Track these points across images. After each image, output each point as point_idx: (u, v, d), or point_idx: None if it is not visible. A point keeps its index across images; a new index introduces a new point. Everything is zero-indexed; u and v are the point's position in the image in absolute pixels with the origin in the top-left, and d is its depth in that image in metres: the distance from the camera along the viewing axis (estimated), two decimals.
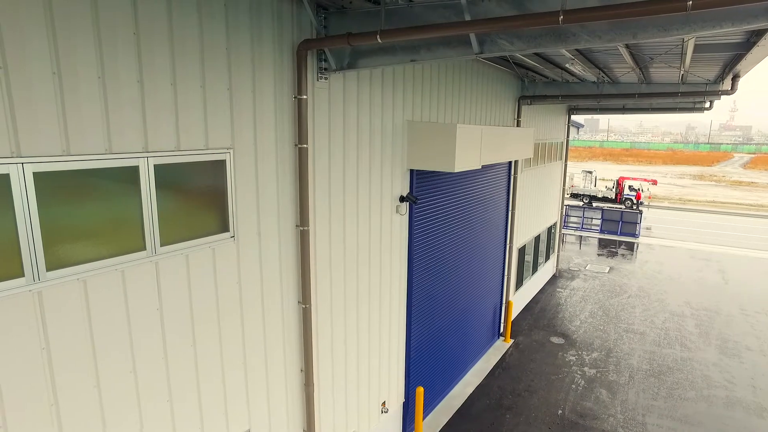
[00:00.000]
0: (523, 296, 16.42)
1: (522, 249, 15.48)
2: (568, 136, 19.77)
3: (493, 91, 11.60)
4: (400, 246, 8.41)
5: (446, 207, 9.87)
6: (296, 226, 5.99)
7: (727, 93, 11.02)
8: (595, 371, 12.29)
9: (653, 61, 9.55)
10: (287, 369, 6.21)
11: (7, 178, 3.41)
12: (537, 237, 17.05)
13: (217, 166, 4.97)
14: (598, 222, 29.29)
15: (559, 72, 11.89)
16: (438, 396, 10.67)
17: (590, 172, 39.91)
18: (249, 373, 5.66)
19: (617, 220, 28.63)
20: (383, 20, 5.10)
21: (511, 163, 13.23)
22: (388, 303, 8.32)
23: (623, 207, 36.10)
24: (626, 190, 37.06)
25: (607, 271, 21.26)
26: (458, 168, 7.68)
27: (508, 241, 13.86)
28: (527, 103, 13.24)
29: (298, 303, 6.21)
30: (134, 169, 4.19)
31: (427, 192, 9.02)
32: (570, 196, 38.72)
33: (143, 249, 4.34)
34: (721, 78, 10.97)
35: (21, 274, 3.54)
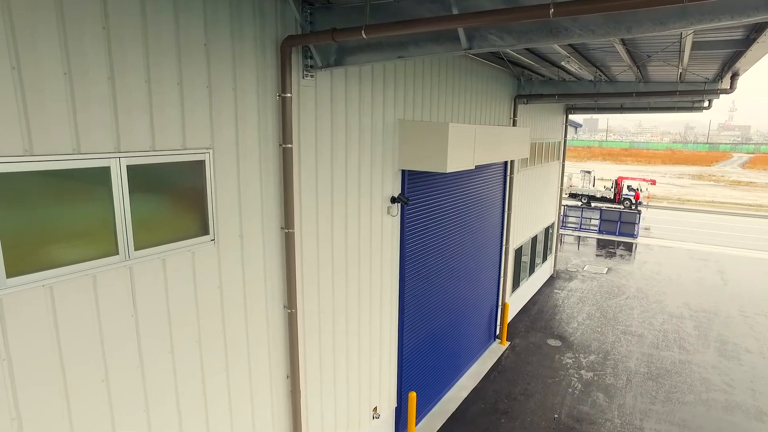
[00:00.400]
0: (519, 298, 16.23)
1: (519, 250, 15.29)
2: (566, 136, 19.58)
3: (489, 90, 11.41)
4: (392, 248, 8.22)
5: (439, 208, 9.68)
6: (281, 228, 5.80)
7: (726, 92, 10.83)
8: (592, 374, 12.11)
9: (651, 59, 9.37)
10: (272, 376, 6.02)
11: None
12: (534, 238, 16.86)
13: (196, 167, 4.78)
14: (597, 222, 29.12)
15: (555, 71, 11.70)
16: (432, 400, 10.48)
17: (589, 172, 39.76)
18: (231, 380, 5.47)
19: (616, 221, 28.46)
20: (368, 15, 4.91)
21: (507, 163, 13.05)
22: (379, 306, 8.13)
23: (622, 207, 35.92)
24: (625, 190, 36.89)
25: (605, 271, 21.09)
26: (450, 168, 7.50)
27: (504, 242, 13.67)
28: (523, 102, 13.05)
29: (284, 307, 6.02)
30: (105, 170, 3.99)
31: (420, 193, 8.83)
32: (568, 196, 38.55)
33: (116, 253, 4.15)
34: (720, 76, 10.78)
35: None
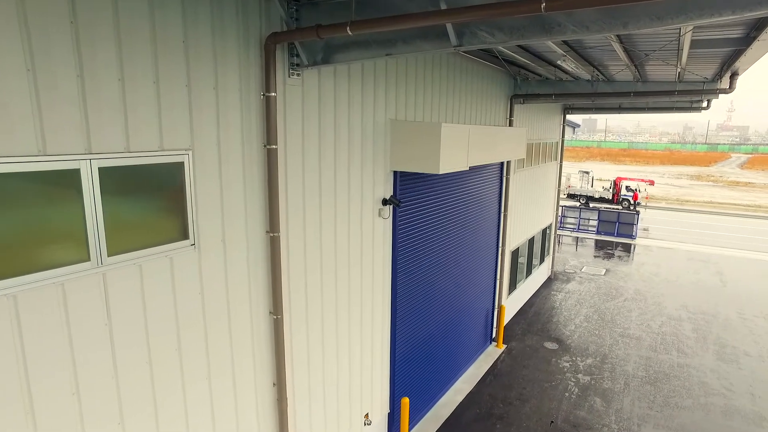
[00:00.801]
0: (516, 300, 16.04)
1: (515, 252, 15.11)
2: (563, 136, 19.40)
3: (484, 90, 11.22)
4: (384, 251, 8.02)
5: (433, 210, 9.48)
6: (266, 232, 5.60)
7: (725, 91, 10.65)
8: (589, 378, 11.93)
9: (648, 58, 9.18)
10: (258, 384, 5.82)
11: None
12: (531, 239, 16.68)
13: (175, 169, 4.58)
14: (595, 223, 28.95)
15: (552, 70, 11.52)
16: (426, 405, 10.29)
17: (587, 173, 39.58)
18: (214, 389, 5.27)
19: (614, 221, 28.29)
20: (354, 11, 4.72)
21: (503, 163, 12.86)
22: (371, 311, 7.93)
23: (620, 208, 35.77)
24: (623, 191, 36.71)
25: (603, 273, 20.91)
26: (443, 170, 7.30)
27: (501, 244, 13.48)
28: (520, 102, 12.86)
29: (269, 313, 5.83)
30: (75, 173, 3.80)
31: (413, 194, 8.64)
32: (567, 196, 38.38)
33: (87, 260, 3.95)
34: (719, 76, 10.60)
35: None
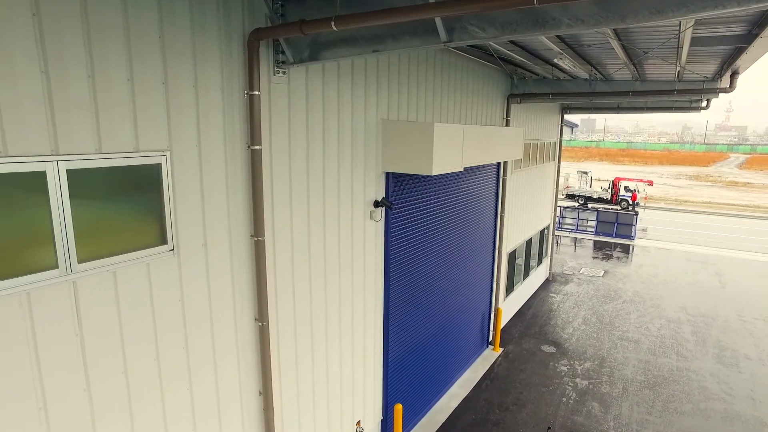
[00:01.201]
0: (513, 302, 15.84)
1: (512, 253, 14.90)
2: (562, 136, 19.21)
3: (480, 89, 11.02)
4: (375, 254, 7.81)
5: (427, 211, 9.27)
6: (250, 236, 5.39)
7: (725, 91, 10.46)
8: (587, 383, 11.73)
9: (647, 56, 8.99)
10: (243, 393, 5.61)
11: None
12: (529, 241, 16.48)
13: (152, 171, 4.37)
14: (594, 224, 28.77)
15: (549, 69, 11.32)
16: (421, 410, 10.08)
17: (585, 173, 39.40)
18: (196, 401, 5.06)
19: (613, 222, 28.12)
20: (339, 6, 4.51)
21: (499, 164, 12.66)
22: (362, 315, 7.72)
23: (619, 208, 35.59)
24: (622, 191, 36.54)
25: (602, 274, 20.72)
26: (436, 171, 7.10)
27: (497, 246, 13.28)
28: (517, 102, 12.66)
29: (255, 320, 5.62)
30: (40, 175, 3.59)
31: (406, 196, 8.43)
32: (565, 197, 38.19)
33: (55, 267, 3.74)
34: (719, 75, 10.40)
35: None
